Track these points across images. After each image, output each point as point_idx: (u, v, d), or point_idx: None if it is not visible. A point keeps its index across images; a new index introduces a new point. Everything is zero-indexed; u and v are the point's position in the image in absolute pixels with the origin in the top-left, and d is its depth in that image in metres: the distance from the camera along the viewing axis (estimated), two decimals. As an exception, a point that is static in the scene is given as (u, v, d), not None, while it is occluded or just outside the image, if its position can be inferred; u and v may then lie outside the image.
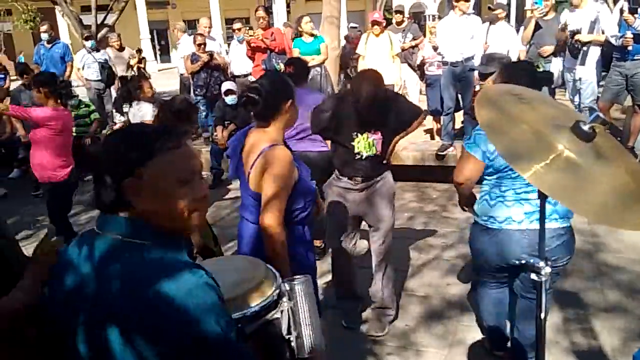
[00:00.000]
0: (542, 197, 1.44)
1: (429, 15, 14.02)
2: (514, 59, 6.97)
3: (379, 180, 3.44)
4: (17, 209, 6.26)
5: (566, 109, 1.52)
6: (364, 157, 3.32)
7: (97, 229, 1.27)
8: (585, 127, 1.34)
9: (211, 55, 7.82)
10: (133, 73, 9.64)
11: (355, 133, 3.29)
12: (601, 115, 1.35)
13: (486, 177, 2.64)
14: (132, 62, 10.06)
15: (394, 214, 3.56)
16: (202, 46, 7.79)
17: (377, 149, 3.33)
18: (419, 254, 4.64)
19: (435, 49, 6.40)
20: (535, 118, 1.39)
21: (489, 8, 6.68)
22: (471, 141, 2.59)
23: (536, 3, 6.51)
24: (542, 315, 1.59)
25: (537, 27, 6.64)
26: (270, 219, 2.24)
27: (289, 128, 2.52)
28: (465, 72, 6.12)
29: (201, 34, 8.10)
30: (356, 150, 3.31)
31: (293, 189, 2.33)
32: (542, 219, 1.48)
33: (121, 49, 9.62)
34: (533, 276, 1.49)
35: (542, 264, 1.47)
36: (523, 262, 1.51)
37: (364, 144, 3.30)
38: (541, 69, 2.64)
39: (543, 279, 1.48)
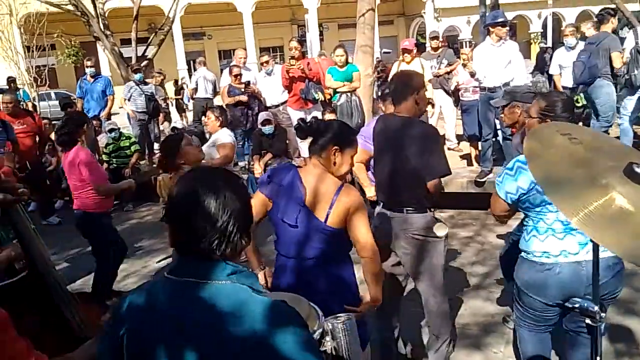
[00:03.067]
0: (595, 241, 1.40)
1: (465, 42, 14.03)
2: (521, 78, 6.82)
3: None
4: (66, 239, 6.43)
5: (621, 147, 1.48)
6: None
7: (177, 276, 1.30)
8: (639, 170, 1.30)
9: (247, 84, 7.95)
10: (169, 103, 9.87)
11: None
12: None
13: (526, 212, 2.57)
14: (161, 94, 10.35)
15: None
16: (239, 77, 7.94)
17: None
18: (456, 282, 4.55)
19: (472, 75, 6.36)
20: (586, 158, 1.36)
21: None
22: (499, 179, 2.57)
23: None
24: (598, 359, 1.54)
25: None
26: (374, 248, 2.47)
27: (341, 177, 2.53)
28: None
29: (237, 65, 8.27)
30: None
31: None
32: (595, 262, 1.43)
33: (162, 85, 9.97)
34: (588, 321, 1.44)
35: (596, 308, 1.42)
36: (576, 306, 1.46)
37: None
38: (580, 104, 2.61)
39: (598, 323, 1.43)
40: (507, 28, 6.15)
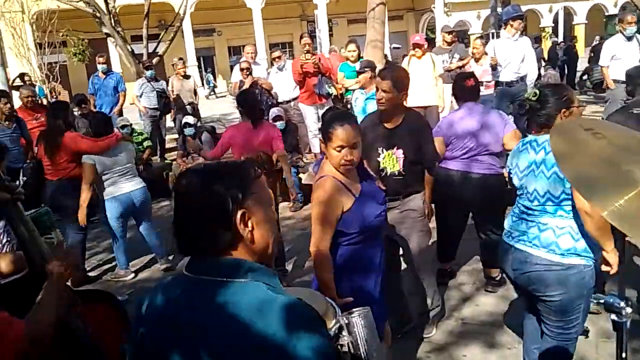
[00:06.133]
0: (623, 234, 1.38)
1: (479, 35, 13.94)
2: (534, 72, 6.71)
3: (408, 200, 3.44)
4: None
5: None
6: (388, 174, 3.38)
7: (193, 274, 1.28)
8: (667, 162, 1.28)
9: (255, 80, 7.94)
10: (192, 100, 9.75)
11: (381, 149, 3.38)
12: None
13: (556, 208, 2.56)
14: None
15: (426, 234, 3.56)
16: (246, 71, 7.95)
17: (400, 165, 3.37)
18: (469, 277, 4.54)
19: (494, 67, 6.29)
20: (612, 153, 1.34)
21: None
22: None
23: None
24: (624, 355, 1.52)
25: None
26: (314, 244, 2.45)
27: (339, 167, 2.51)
28: (521, 91, 6.05)
29: (246, 61, 8.29)
30: (381, 167, 3.40)
31: (340, 217, 2.45)
32: (621, 254, 1.41)
33: (186, 76, 9.82)
34: (613, 317, 1.42)
35: (622, 304, 1.40)
36: (602, 301, 1.44)
37: (388, 160, 3.37)
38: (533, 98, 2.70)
39: (624, 319, 1.41)
40: (517, 22, 6.11)
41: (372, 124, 3.49)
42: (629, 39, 6.70)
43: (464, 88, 4.19)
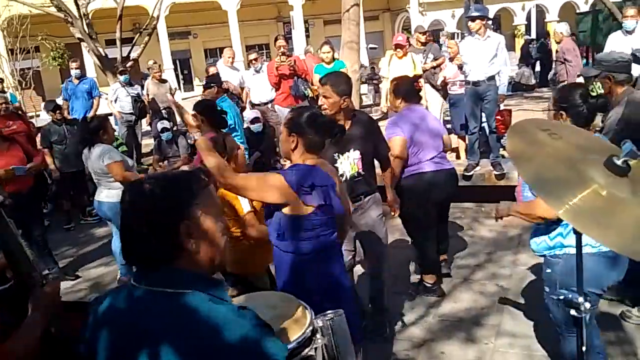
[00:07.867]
0: (578, 232, 1.42)
1: (450, 34, 14.05)
2: (506, 71, 6.61)
3: (367, 200, 3.51)
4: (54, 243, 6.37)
5: (598, 141, 1.51)
6: (348, 178, 3.40)
7: (138, 284, 1.28)
8: (619, 162, 1.32)
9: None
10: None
11: (336, 154, 3.37)
12: (634, 149, 1.33)
13: None
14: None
15: (385, 239, 3.65)
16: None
17: (359, 167, 3.41)
18: (449, 276, 4.58)
19: (460, 67, 6.35)
20: (567, 153, 1.39)
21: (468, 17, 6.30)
22: None
23: None
24: (584, 349, 1.56)
25: None
26: None
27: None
28: (489, 91, 6.08)
29: (212, 65, 8.33)
30: (340, 172, 3.35)
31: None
32: (578, 254, 1.46)
33: (162, 80, 9.64)
34: (572, 312, 1.47)
35: (580, 299, 1.45)
36: (562, 297, 1.48)
37: (346, 163, 3.39)
38: (595, 93, 2.53)
39: (583, 314, 1.45)
40: (475, 22, 5.98)
41: None
42: (629, 32, 6.47)
43: (414, 90, 4.34)
